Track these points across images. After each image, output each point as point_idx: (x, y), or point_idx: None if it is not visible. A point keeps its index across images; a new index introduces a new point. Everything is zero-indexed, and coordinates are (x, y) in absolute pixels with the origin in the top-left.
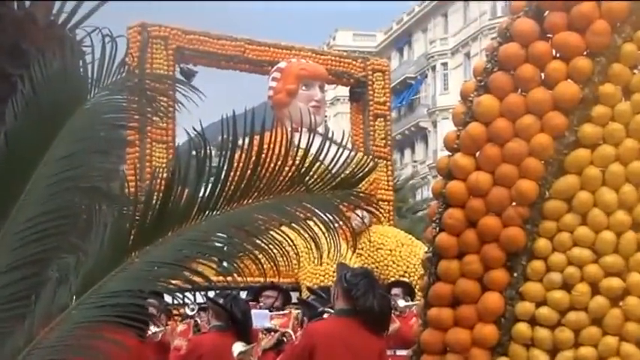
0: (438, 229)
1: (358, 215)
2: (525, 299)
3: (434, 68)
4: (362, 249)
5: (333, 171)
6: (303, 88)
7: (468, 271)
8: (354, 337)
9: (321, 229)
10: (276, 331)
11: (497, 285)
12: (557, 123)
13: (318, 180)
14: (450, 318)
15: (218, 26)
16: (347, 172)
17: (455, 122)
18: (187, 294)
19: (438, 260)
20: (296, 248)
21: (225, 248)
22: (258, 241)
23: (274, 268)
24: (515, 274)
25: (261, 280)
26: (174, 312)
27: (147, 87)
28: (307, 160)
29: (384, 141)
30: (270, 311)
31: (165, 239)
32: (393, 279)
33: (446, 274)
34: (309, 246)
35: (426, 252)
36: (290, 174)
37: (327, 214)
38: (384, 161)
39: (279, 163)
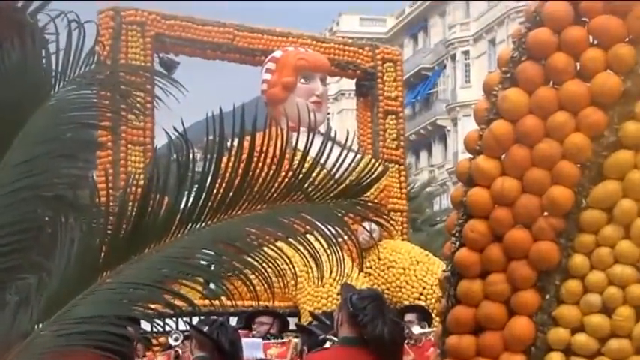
0: (457, 243)
1: (366, 228)
2: (559, 325)
3: (453, 57)
4: (371, 267)
5: (336, 177)
6: (302, 80)
7: (493, 293)
8: None
9: (322, 245)
10: None
11: (526, 308)
12: (595, 120)
13: (319, 187)
14: (472, 347)
15: (203, 10)
16: (352, 178)
17: (477, 120)
18: (168, 320)
19: (457, 280)
20: (293, 267)
21: (211, 267)
22: (249, 259)
23: (268, 291)
24: (547, 296)
25: (254, 304)
26: (154, 341)
27: (120, 80)
28: (306, 165)
29: (395, 142)
30: (267, 339)
31: (142, 256)
32: (406, 302)
33: (467, 296)
34: (308, 264)
35: (444, 270)
36: (286, 180)
37: (330, 227)
38: (396, 165)
39: (274, 168)
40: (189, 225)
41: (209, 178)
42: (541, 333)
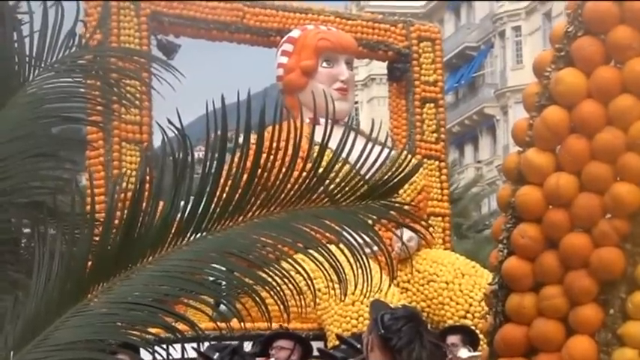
0: (505, 252)
1: (399, 236)
2: (626, 344)
3: (502, 34)
4: (408, 282)
5: (361, 174)
6: (324, 64)
7: (548, 308)
8: None
9: (346, 256)
10: None
11: (587, 326)
12: None
13: (341, 187)
14: None
15: None
16: (379, 175)
17: (527, 107)
18: (170, 347)
19: (506, 294)
20: (312, 283)
21: (217, 284)
22: (261, 273)
23: (284, 311)
24: (611, 311)
25: (269, 326)
26: None
27: (107, 66)
28: (325, 161)
29: (435, 134)
30: None
31: (134, 271)
32: (450, 322)
33: (517, 313)
34: (330, 279)
35: (491, 283)
36: (302, 179)
37: (356, 235)
38: (436, 162)
39: (287, 165)
40: (189, 234)
41: (211, 179)
42: (605, 355)
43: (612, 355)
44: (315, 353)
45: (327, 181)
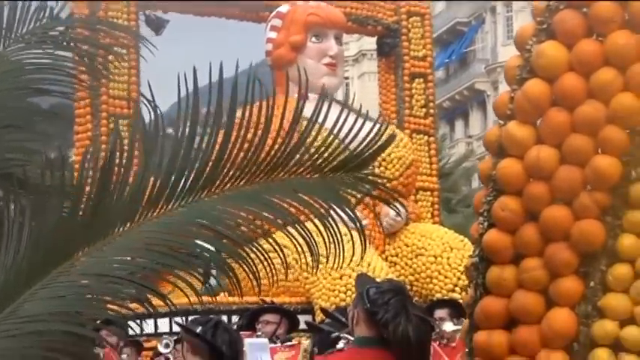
0: (486, 224)
1: (395, 209)
2: (606, 316)
3: (493, 10)
4: (396, 256)
5: (333, 146)
6: (313, 39)
7: (528, 281)
8: None
9: (318, 228)
10: None
11: (567, 298)
12: None
13: (312, 159)
14: (504, 344)
15: None
16: (353, 147)
17: (508, 80)
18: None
19: (486, 266)
20: (284, 255)
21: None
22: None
23: (256, 285)
24: (591, 284)
25: (259, 300)
26: (146, 344)
27: (79, 38)
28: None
29: (424, 109)
30: (273, 342)
31: (105, 243)
32: (438, 296)
33: (498, 285)
34: (301, 251)
35: (471, 256)
36: (274, 151)
37: (329, 207)
38: (425, 136)
39: (260, 137)
40: (160, 206)
41: (182, 150)
42: (585, 327)
43: (592, 327)
44: (303, 327)
45: (300, 154)
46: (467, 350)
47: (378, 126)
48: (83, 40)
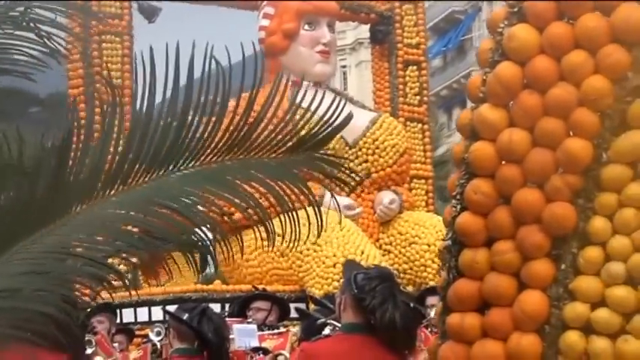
0: (459, 207)
1: (397, 193)
2: (577, 299)
3: None
4: (390, 244)
5: (289, 128)
6: (306, 27)
7: (500, 263)
8: None
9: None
10: (267, 352)
11: (538, 281)
12: (617, 60)
13: (271, 140)
14: (477, 326)
15: None
16: (309, 127)
17: (480, 63)
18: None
19: (459, 249)
20: (241, 237)
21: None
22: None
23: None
24: (562, 266)
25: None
26: (139, 332)
27: (39, 19)
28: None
29: (418, 97)
30: (262, 329)
31: (64, 222)
32: (432, 283)
33: (470, 268)
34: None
35: (445, 239)
36: (231, 132)
37: (285, 186)
38: (419, 124)
39: (217, 117)
40: (118, 183)
41: (138, 130)
42: (556, 309)
43: (563, 310)
44: (294, 314)
45: (256, 133)
46: (440, 333)
47: (334, 106)
48: (42, 21)
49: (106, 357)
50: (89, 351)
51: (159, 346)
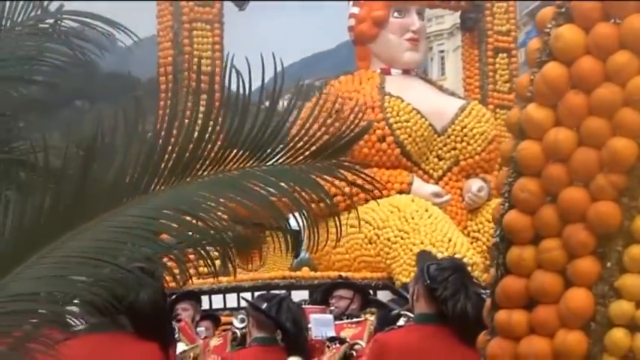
0: (507, 205)
1: (485, 182)
2: (622, 297)
3: None
4: (478, 232)
5: (311, 133)
6: (396, 14)
7: (547, 261)
8: (439, 351)
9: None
10: (343, 342)
11: (584, 278)
12: None
13: (291, 147)
14: (524, 323)
15: None
16: (330, 134)
17: (529, 62)
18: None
19: (507, 247)
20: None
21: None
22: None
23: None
24: (608, 264)
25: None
26: (226, 318)
27: (69, 30)
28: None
29: (508, 84)
30: (342, 318)
31: (88, 227)
32: None
33: (518, 265)
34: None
35: (493, 236)
36: (252, 139)
37: (305, 193)
38: (509, 112)
39: (238, 124)
40: (142, 190)
41: (162, 137)
42: (602, 307)
43: (609, 307)
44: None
45: (275, 142)
46: (489, 329)
47: (354, 113)
48: (71, 33)
49: (189, 343)
50: None
51: (239, 334)
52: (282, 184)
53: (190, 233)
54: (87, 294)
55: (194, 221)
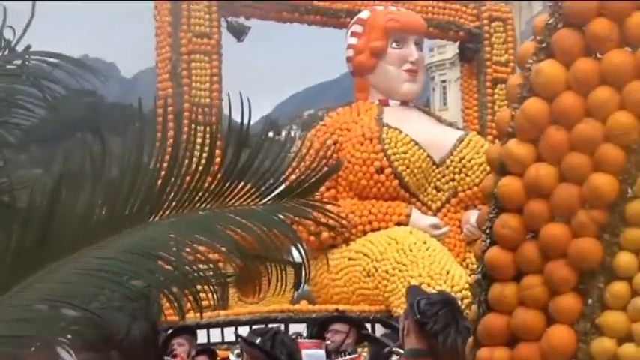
0: (488, 241)
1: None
2: (604, 334)
3: None
4: (475, 262)
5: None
6: (394, 45)
7: (528, 298)
8: None
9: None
10: None
11: (566, 315)
12: None
13: (258, 188)
14: None
15: None
16: (297, 174)
17: (509, 97)
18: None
19: (489, 283)
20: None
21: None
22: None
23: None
24: (589, 301)
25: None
26: (223, 352)
27: (36, 70)
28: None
29: None
30: (341, 355)
31: (54, 268)
32: None
33: (499, 302)
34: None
35: (475, 272)
36: (219, 180)
37: (271, 234)
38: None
39: (205, 164)
40: (109, 231)
41: (127, 176)
42: (583, 343)
43: (591, 344)
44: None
45: (243, 182)
46: None
47: (320, 154)
48: (39, 74)
49: None
50: None
51: None
52: (248, 224)
53: (156, 275)
54: (53, 337)
55: (160, 262)
